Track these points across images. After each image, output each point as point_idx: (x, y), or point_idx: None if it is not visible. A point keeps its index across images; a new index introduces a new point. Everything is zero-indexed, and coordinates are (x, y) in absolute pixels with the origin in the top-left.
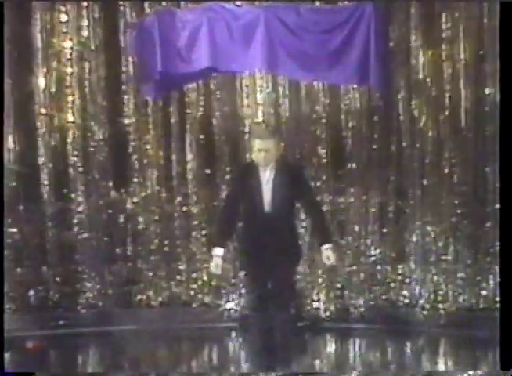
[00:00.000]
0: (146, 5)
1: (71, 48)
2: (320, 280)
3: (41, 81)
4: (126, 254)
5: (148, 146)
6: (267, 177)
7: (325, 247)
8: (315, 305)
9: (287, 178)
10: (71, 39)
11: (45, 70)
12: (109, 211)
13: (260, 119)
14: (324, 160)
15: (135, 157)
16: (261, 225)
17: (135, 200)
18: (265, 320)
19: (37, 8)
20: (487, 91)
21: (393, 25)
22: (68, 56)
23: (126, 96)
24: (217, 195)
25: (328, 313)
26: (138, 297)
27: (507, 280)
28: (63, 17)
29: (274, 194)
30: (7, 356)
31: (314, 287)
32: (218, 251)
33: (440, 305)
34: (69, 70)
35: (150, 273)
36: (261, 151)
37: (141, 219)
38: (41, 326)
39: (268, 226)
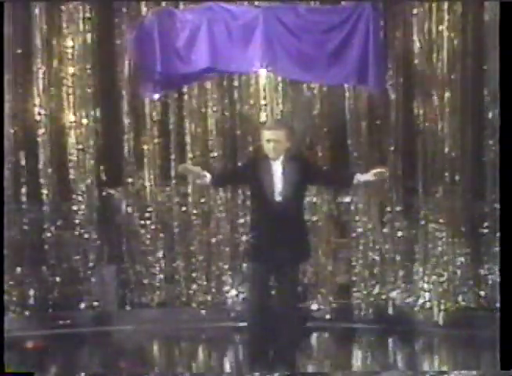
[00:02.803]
0: (143, 4)
1: (70, 48)
2: (321, 280)
3: (41, 81)
4: (125, 254)
5: (147, 146)
6: (277, 167)
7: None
8: (316, 304)
9: (297, 168)
10: (70, 39)
11: (44, 69)
12: (108, 211)
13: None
14: (326, 160)
15: (134, 156)
16: (271, 215)
17: (134, 200)
18: (267, 317)
19: (37, 8)
20: (486, 91)
21: (392, 25)
22: (67, 56)
23: (125, 96)
24: (216, 195)
25: (329, 313)
26: (138, 297)
27: (507, 280)
28: (63, 17)
29: (285, 184)
30: (7, 355)
31: (315, 287)
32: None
33: (440, 305)
34: (68, 70)
35: (149, 273)
36: (270, 142)
37: (140, 219)
38: (41, 326)
39: (279, 216)
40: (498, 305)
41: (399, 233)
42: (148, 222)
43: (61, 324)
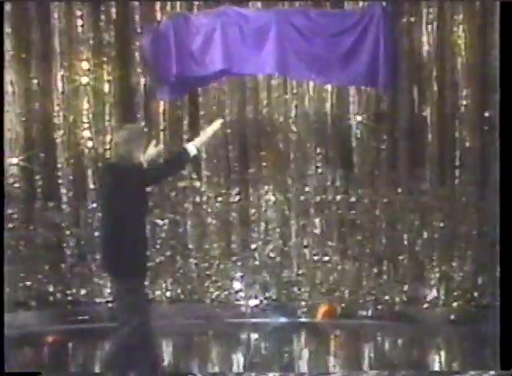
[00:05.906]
0: (159, 9)
1: (85, 50)
2: (321, 278)
3: (59, 83)
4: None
5: (162, 146)
6: None
7: None
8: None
9: None
10: (88, 42)
11: (62, 72)
12: None
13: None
14: (332, 160)
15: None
16: None
17: None
18: None
19: (56, 12)
20: (488, 91)
21: (402, 27)
22: (85, 59)
23: (141, 98)
24: (226, 195)
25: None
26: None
27: (507, 279)
28: (78, 21)
29: None
30: (25, 351)
31: (315, 285)
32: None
33: (440, 304)
34: (86, 72)
35: (162, 270)
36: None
37: (151, 217)
38: (60, 321)
39: None
40: (498, 304)
41: (400, 233)
42: (159, 221)
43: (78, 320)
